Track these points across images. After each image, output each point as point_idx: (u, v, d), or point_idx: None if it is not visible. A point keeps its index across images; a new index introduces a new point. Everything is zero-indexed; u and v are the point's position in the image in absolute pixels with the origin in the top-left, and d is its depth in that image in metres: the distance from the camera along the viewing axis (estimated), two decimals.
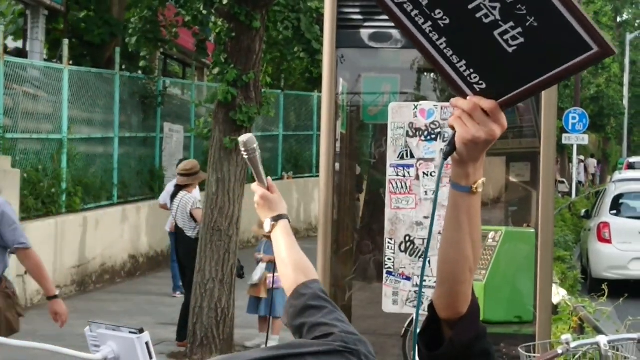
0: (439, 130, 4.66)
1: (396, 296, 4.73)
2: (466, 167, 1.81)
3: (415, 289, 4.70)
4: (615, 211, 17.08)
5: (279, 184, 22.36)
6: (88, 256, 14.59)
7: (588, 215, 19.02)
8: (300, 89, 24.10)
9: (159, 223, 16.41)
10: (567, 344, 4.37)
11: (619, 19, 55.64)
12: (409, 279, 4.70)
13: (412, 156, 4.69)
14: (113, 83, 16.63)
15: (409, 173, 4.69)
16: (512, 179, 6.30)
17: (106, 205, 15.85)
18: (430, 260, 4.61)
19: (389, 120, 4.76)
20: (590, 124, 30.24)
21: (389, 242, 4.72)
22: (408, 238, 4.69)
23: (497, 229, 5.68)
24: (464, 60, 1.73)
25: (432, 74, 6.65)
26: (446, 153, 1.81)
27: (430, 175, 4.67)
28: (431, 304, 1.95)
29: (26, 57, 17.09)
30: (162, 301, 13.50)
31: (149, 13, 15.32)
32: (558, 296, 8.33)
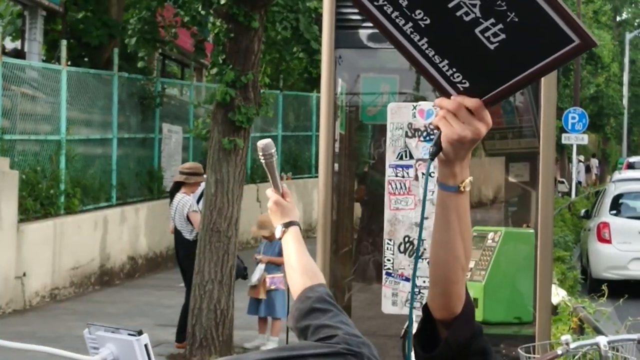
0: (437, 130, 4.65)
1: (395, 297, 4.72)
2: (453, 167, 1.81)
3: (415, 289, 4.69)
4: (615, 211, 17.08)
5: None
6: (87, 258, 14.58)
7: (588, 215, 19.02)
8: (299, 89, 24.11)
9: (157, 224, 16.40)
10: (567, 344, 4.36)
11: (618, 18, 55.68)
12: (408, 279, 4.69)
13: (411, 157, 4.68)
14: (111, 84, 16.62)
15: (408, 174, 4.68)
16: (512, 179, 6.29)
17: (105, 207, 15.84)
18: (429, 261, 4.60)
19: (388, 120, 4.75)
20: (590, 123, 30.25)
21: (388, 243, 4.71)
22: (407, 239, 4.68)
23: (497, 230, 5.67)
24: (446, 60, 1.73)
25: None
26: (432, 154, 1.82)
27: (429, 176, 4.67)
28: (425, 305, 1.95)
29: (24, 58, 17.08)
30: (161, 303, 13.49)
31: (148, 14, 15.33)
32: (558, 297, 8.32)
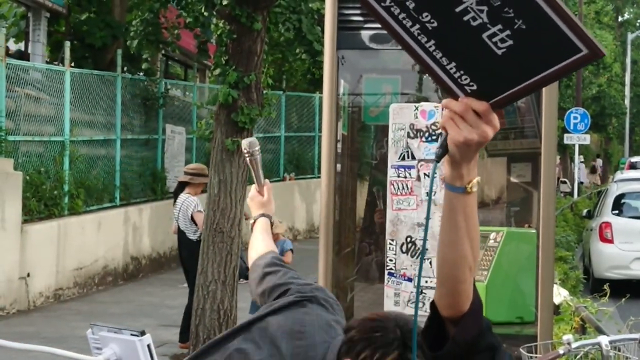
0: (439, 131, 4.67)
1: (398, 297, 4.73)
2: (460, 168, 1.81)
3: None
4: (617, 211, 17.07)
5: (280, 185, 22.38)
6: (90, 258, 14.60)
7: (590, 215, 19.01)
8: (301, 90, 24.10)
9: (161, 225, 16.42)
10: (569, 344, 4.38)
11: (620, 19, 55.61)
12: (410, 280, 4.70)
13: (413, 157, 4.69)
14: (115, 85, 16.64)
15: (410, 174, 4.70)
16: (513, 180, 6.30)
17: (108, 207, 15.86)
18: (431, 261, 4.62)
19: (390, 121, 4.77)
20: (592, 123, 30.22)
21: (390, 243, 4.72)
22: (409, 239, 4.69)
23: (499, 230, 5.68)
24: (454, 62, 1.73)
25: None
26: (438, 155, 1.82)
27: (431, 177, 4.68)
28: (433, 303, 1.95)
29: (28, 60, 17.12)
30: (165, 303, 13.50)
31: (150, 15, 15.34)
32: (560, 296, 8.33)
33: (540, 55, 1.64)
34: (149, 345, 2.23)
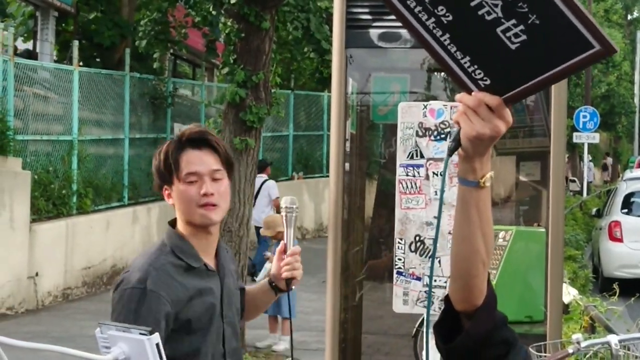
0: (448, 130, 4.65)
1: (406, 296, 4.72)
2: (472, 162, 1.81)
3: (426, 288, 4.69)
4: (626, 210, 17.04)
5: (289, 185, 22.30)
6: (99, 257, 14.62)
7: (599, 214, 18.97)
8: (310, 89, 24.10)
9: None
10: (578, 343, 4.35)
11: (629, 17, 55.51)
12: (419, 279, 4.69)
13: (422, 156, 4.68)
14: (123, 84, 16.65)
15: (418, 173, 4.68)
16: (522, 178, 6.29)
17: (117, 207, 15.87)
18: (440, 260, 4.61)
19: (399, 120, 4.75)
20: (601, 122, 30.16)
21: (399, 242, 4.71)
22: (418, 238, 4.68)
23: (508, 229, 5.67)
24: (468, 57, 1.73)
25: (442, 74, 6.65)
26: (451, 149, 1.82)
27: (439, 175, 4.67)
28: (447, 296, 1.96)
29: (36, 59, 17.14)
30: None
31: (159, 14, 15.35)
32: (569, 295, 8.31)
33: (553, 51, 1.64)
34: (157, 344, 2.22)
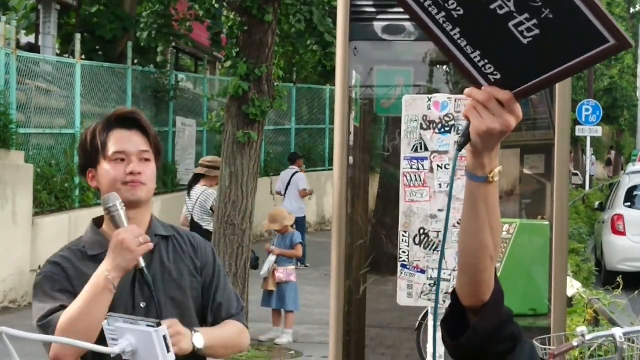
0: (452, 122, 4.64)
1: (411, 289, 4.71)
2: (481, 158, 1.80)
3: (430, 282, 4.69)
4: (629, 203, 17.02)
5: None
6: None
7: (602, 208, 18.95)
8: (312, 83, 24.08)
9: (172, 217, 16.40)
10: (583, 336, 4.36)
11: (632, 10, 55.43)
12: (423, 272, 4.69)
13: (426, 149, 4.67)
14: (125, 77, 16.65)
15: (423, 166, 4.67)
16: (527, 171, 6.28)
17: None
18: (445, 253, 4.60)
19: (403, 113, 4.74)
20: (604, 115, 30.14)
21: (403, 235, 4.71)
22: (422, 231, 4.67)
23: (512, 222, 5.66)
24: (478, 51, 1.71)
25: (445, 67, 6.64)
26: (460, 144, 1.80)
27: (444, 168, 4.66)
28: (454, 292, 1.95)
29: (39, 52, 17.14)
30: None
31: (161, 7, 15.33)
32: (572, 289, 8.30)
33: (566, 45, 1.62)
34: (164, 337, 2.23)
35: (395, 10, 5.31)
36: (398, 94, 6.03)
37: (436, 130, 4.70)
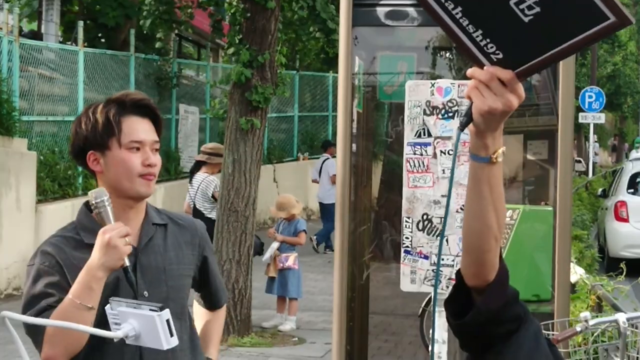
0: (456, 108, 4.63)
1: (414, 275, 4.71)
2: (484, 138, 1.80)
3: (433, 267, 4.69)
4: (632, 190, 17.01)
5: (294, 165, 22.37)
6: None
7: (605, 194, 18.95)
8: (315, 70, 24.06)
9: (175, 204, 16.43)
10: (586, 321, 4.36)
11: None
12: (426, 257, 4.69)
13: (430, 134, 4.67)
14: (128, 65, 16.64)
15: (426, 151, 4.67)
16: (530, 157, 6.27)
17: None
18: (448, 239, 4.60)
19: (406, 98, 4.74)
20: (607, 102, 30.10)
21: (406, 221, 4.71)
22: (426, 217, 4.67)
23: (515, 208, 5.66)
24: (480, 30, 1.71)
25: (448, 53, 6.62)
26: (463, 124, 1.80)
27: (447, 154, 4.65)
28: (459, 272, 1.95)
29: (41, 40, 17.12)
30: None
31: None
32: (576, 275, 8.30)
33: (567, 23, 1.62)
34: (167, 321, 2.23)
35: None
36: (401, 80, 6.02)
37: (439, 116, 4.69)
